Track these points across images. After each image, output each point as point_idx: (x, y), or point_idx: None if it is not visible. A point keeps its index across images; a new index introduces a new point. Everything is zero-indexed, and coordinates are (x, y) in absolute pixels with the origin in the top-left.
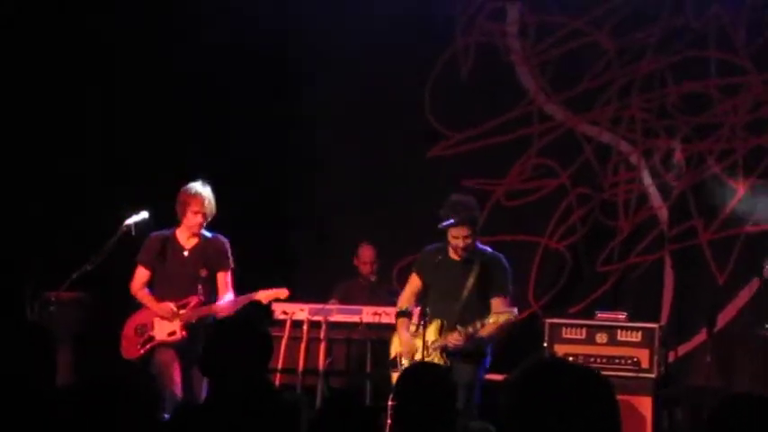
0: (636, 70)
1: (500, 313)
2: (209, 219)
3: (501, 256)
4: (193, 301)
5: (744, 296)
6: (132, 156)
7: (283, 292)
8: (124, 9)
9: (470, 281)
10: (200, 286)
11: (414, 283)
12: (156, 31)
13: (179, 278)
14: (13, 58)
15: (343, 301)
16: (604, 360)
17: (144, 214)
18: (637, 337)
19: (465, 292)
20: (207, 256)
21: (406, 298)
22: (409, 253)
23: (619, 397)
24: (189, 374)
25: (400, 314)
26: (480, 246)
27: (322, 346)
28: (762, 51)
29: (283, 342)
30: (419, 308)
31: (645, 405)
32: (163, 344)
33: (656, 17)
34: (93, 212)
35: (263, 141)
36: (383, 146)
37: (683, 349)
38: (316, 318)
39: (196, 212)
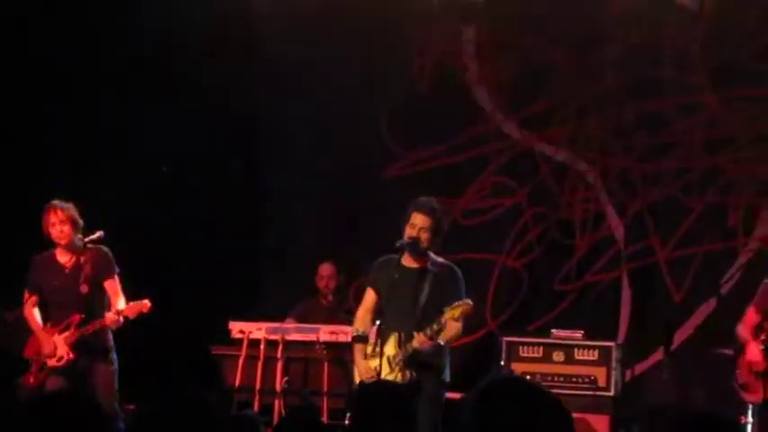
0: (592, 89)
1: (454, 307)
2: (77, 228)
3: (454, 266)
4: (75, 319)
5: (701, 314)
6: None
7: (145, 305)
8: None
9: (425, 290)
10: (83, 304)
11: (368, 299)
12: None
13: (63, 297)
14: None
15: (301, 320)
16: (561, 378)
17: (100, 233)
18: (594, 355)
19: (422, 301)
20: (87, 269)
21: (361, 318)
22: (366, 272)
23: (576, 415)
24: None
25: (355, 339)
26: (434, 256)
27: (279, 365)
28: (718, 70)
29: (240, 361)
30: (376, 326)
31: (602, 423)
32: (54, 370)
33: (613, 37)
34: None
35: (225, 160)
36: (342, 166)
37: (639, 367)
38: (273, 337)
39: (53, 224)
